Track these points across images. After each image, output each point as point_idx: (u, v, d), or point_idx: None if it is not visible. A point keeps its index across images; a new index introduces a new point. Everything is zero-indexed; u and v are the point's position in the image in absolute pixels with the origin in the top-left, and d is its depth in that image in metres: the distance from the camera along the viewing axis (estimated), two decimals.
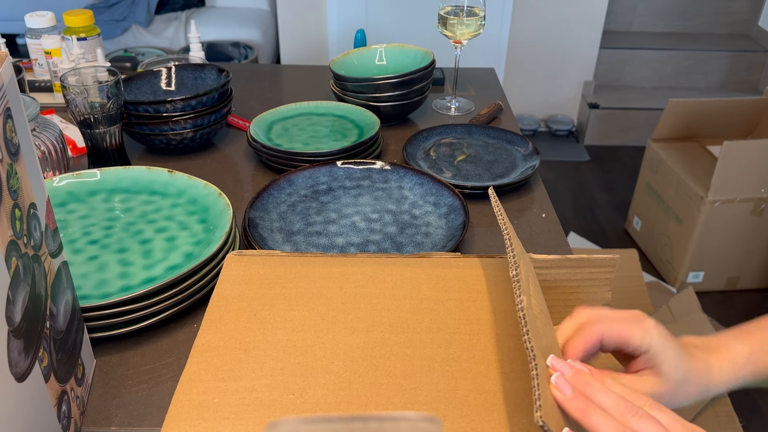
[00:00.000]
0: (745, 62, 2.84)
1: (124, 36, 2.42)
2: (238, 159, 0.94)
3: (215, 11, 2.64)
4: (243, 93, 1.16)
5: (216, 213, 0.69)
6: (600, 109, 2.72)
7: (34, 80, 1.14)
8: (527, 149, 0.92)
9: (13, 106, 0.40)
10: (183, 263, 0.63)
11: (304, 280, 0.54)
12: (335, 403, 0.43)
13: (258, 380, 0.45)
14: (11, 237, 0.37)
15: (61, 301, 0.47)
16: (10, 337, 0.36)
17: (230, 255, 0.56)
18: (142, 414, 0.52)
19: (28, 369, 0.39)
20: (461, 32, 1.05)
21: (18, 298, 0.38)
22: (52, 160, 0.78)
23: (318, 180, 0.81)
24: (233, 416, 0.42)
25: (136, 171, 0.76)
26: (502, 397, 0.43)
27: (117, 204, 0.73)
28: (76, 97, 0.77)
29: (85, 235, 0.68)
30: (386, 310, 0.51)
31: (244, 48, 2.42)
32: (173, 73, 0.99)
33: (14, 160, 0.39)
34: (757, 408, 1.54)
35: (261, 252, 0.58)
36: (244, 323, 0.50)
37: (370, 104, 1.00)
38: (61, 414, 0.45)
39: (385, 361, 0.46)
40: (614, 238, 2.18)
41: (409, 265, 0.56)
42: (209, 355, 0.47)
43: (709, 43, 2.88)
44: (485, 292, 0.53)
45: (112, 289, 0.60)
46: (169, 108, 0.88)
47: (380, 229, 0.73)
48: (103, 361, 0.57)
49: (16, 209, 0.39)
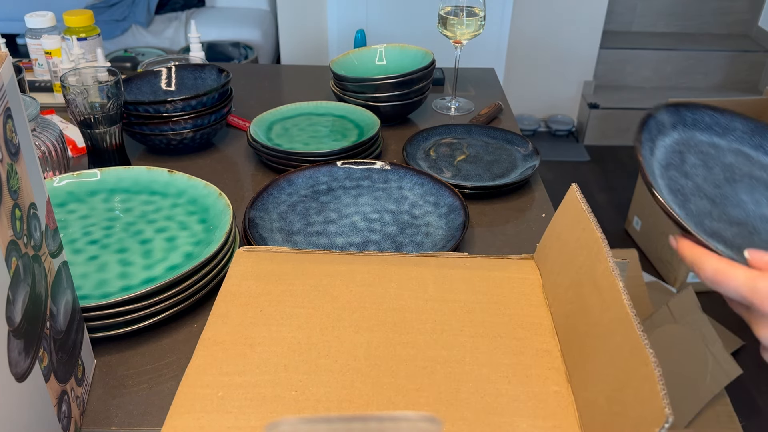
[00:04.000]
0: (746, 62, 2.84)
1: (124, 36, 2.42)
2: (238, 159, 0.94)
3: (215, 11, 2.64)
4: (243, 93, 1.16)
5: (216, 213, 0.69)
6: (600, 109, 2.73)
7: (34, 80, 1.14)
8: (527, 149, 0.92)
9: (13, 106, 0.40)
10: (183, 263, 0.63)
11: (311, 277, 0.54)
12: (337, 402, 0.43)
13: (262, 376, 0.45)
14: (11, 237, 0.37)
15: (61, 301, 0.47)
16: (10, 337, 0.36)
17: (239, 251, 0.57)
18: (142, 414, 0.52)
19: (28, 369, 0.39)
20: (461, 32, 1.05)
21: (18, 298, 0.38)
22: (52, 160, 0.78)
23: (318, 180, 0.81)
24: (236, 410, 0.42)
25: (136, 171, 0.76)
26: (504, 401, 0.43)
27: (117, 204, 0.73)
28: (76, 97, 0.77)
29: (85, 235, 0.68)
30: (391, 309, 0.51)
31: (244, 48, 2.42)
32: (173, 73, 0.99)
33: (14, 160, 0.39)
34: (757, 408, 1.54)
35: (270, 248, 0.58)
36: (251, 319, 0.50)
37: (370, 104, 1.00)
38: (61, 414, 0.45)
39: (388, 361, 0.46)
40: (614, 238, 2.18)
41: (415, 265, 0.56)
42: (215, 349, 0.47)
43: (709, 43, 2.88)
44: (490, 294, 0.53)
45: (112, 289, 0.60)
46: (169, 108, 0.88)
47: (380, 229, 0.73)
48: (103, 361, 0.57)
49: (17, 209, 0.39)
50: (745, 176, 0.47)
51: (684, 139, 0.48)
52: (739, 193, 0.46)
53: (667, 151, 0.47)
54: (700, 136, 0.49)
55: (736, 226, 0.43)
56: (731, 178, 0.46)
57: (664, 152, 0.47)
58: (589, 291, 0.45)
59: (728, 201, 0.45)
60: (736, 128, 0.49)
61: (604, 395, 0.39)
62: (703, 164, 0.47)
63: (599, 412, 0.39)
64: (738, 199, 0.45)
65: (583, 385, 0.43)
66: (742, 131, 0.49)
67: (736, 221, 0.44)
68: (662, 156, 0.46)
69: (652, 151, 0.46)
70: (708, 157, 0.48)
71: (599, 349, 0.42)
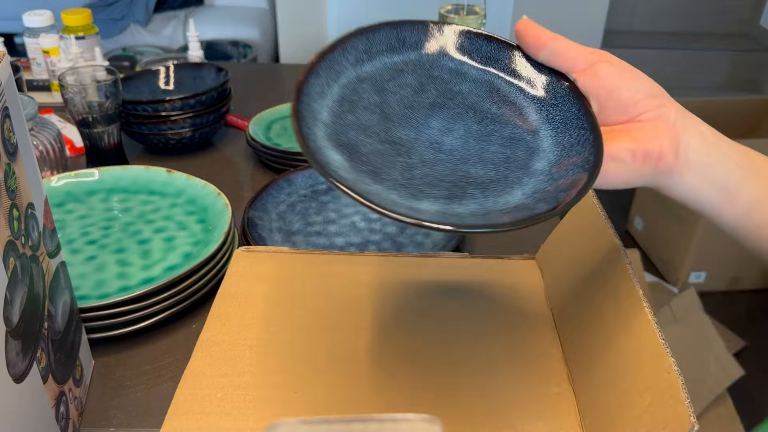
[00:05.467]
0: (747, 62, 2.84)
1: (122, 35, 2.42)
2: (237, 158, 0.93)
3: (214, 10, 2.64)
4: (242, 92, 1.15)
5: (215, 213, 0.69)
6: None
7: (32, 79, 1.13)
8: None
9: (11, 106, 0.39)
10: (182, 263, 0.63)
11: (310, 278, 0.54)
12: (336, 403, 0.43)
13: (261, 377, 0.45)
14: (9, 237, 0.37)
15: (60, 301, 0.47)
16: (8, 337, 0.36)
17: (238, 251, 0.56)
18: (140, 415, 0.52)
19: (26, 370, 0.38)
20: None
21: (16, 298, 0.38)
22: (50, 159, 0.78)
23: (317, 180, 0.80)
24: (235, 412, 0.42)
25: (134, 171, 0.76)
26: (505, 402, 0.43)
27: (115, 204, 0.73)
28: (75, 97, 0.76)
29: (83, 235, 0.68)
30: (390, 310, 0.51)
31: (243, 47, 2.41)
32: (172, 72, 0.98)
33: (12, 159, 0.39)
34: (759, 409, 1.54)
35: (269, 248, 0.58)
36: (250, 319, 0.49)
37: None
38: (59, 415, 0.44)
39: (387, 362, 0.46)
40: None
41: (415, 265, 0.56)
42: (214, 350, 0.47)
43: (710, 42, 2.88)
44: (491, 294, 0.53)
45: (111, 290, 0.60)
46: (167, 107, 0.87)
47: (380, 229, 0.73)
48: (102, 361, 0.57)
49: (14, 209, 0.39)
50: (462, 105, 0.42)
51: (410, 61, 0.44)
52: (435, 118, 0.41)
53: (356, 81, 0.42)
54: (447, 62, 0.44)
55: (390, 144, 0.38)
56: (441, 104, 0.41)
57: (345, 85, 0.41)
58: (603, 295, 0.45)
59: (407, 124, 0.40)
60: (500, 59, 0.44)
61: (615, 399, 0.39)
62: (418, 87, 0.42)
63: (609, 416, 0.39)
64: (425, 123, 0.40)
65: (587, 388, 0.43)
66: (506, 63, 0.43)
67: (397, 141, 0.39)
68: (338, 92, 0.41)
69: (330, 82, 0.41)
70: (435, 81, 0.43)
71: (610, 353, 0.41)
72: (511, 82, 0.43)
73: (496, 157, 0.39)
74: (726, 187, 0.39)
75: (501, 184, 0.37)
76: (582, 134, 0.38)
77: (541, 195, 0.36)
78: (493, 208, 0.35)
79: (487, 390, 0.44)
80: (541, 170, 0.38)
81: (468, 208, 0.35)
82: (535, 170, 0.38)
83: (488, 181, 0.37)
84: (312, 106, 0.39)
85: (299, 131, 0.35)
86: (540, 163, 0.38)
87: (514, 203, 0.36)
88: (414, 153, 0.38)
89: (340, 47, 0.43)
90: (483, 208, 0.35)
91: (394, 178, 0.36)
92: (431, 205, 0.35)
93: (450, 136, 0.40)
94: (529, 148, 0.39)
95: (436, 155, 0.39)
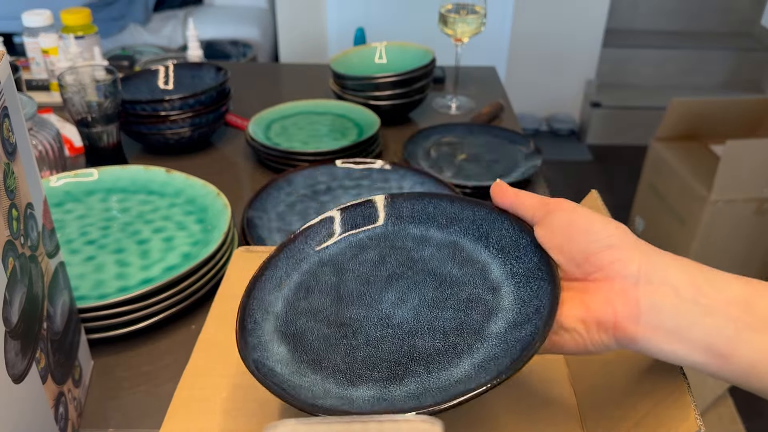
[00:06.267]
0: (749, 61, 2.84)
1: (121, 34, 2.41)
2: (237, 158, 0.93)
3: (213, 9, 2.64)
4: (241, 92, 1.15)
5: (214, 213, 0.69)
6: (602, 108, 2.72)
7: (32, 79, 1.13)
8: (529, 148, 0.92)
9: (10, 105, 0.39)
10: (181, 264, 0.63)
11: None
12: None
13: None
14: (8, 237, 0.37)
15: (59, 301, 0.46)
16: (7, 338, 0.36)
17: (237, 251, 0.56)
18: (140, 416, 0.52)
19: (25, 370, 0.38)
20: (462, 30, 1.04)
21: (15, 298, 0.37)
22: (50, 159, 0.78)
23: (317, 179, 0.80)
24: (235, 412, 0.42)
25: (133, 170, 0.75)
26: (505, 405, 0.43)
27: (114, 204, 0.73)
28: (74, 96, 0.76)
29: (82, 235, 0.67)
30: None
31: (242, 46, 2.41)
32: (171, 71, 0.98)
33: (11, 159, 0.39)
34: (759, 410, 1.54)
35: (268, 248, 0.57)
36: None
37: (370, 103, 0.99)
38: (58, 416, 0.44)
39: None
40: None
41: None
42: (213, 350, 0.47)
43: (712, 41, 2.88)
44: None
45: (110, 290, 0.60)
46: (166, 107, 0.87)
47: None
48: (101, 362, 0.56)
49: (13, 209, 0.38)
50: (422, 272, 0.42)
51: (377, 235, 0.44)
52: (390, 291, 0.41)
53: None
54: (412, 229, 0.45)
55: (338, 327, 0.39)
56: (399, 274, 0.42)
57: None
58: None
59: (360, 300, 0.41)
60: (465, 218, 0.44)
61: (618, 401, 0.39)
62: (379, 260, 0.43)
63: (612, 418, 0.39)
64: (378, 298, 0.41)
65: (589, 391, 0.42)
66: (471, 221, 0.43)
67: (345, 322, 0.40)
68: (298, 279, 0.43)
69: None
70: (397, 252, 0.43)
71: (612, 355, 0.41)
72: (476, 239, 0.43)
73: (448, 324, 0.39)
74: (713, 348, 0.31)
75: (448, 355, 0.37)
76: (541, 285, 0.37)
77: (488, 363, 0.35)
78: (434, 386, 0.35)
79: (487, 393, 0.44)
80: (497, 333, 0.37)
81: (407, 388, 0.35)
82: (490, 334, 0.37)
83: (434, 353, 0.37)
84: (266, 299, 0.41)
85: (239, 328, 0.38)
86: (497, 325, 0.37)
87: (457, 377, 0.35)
88: (360, 333, 0.39)
89: (302, 236, 0.45)
90: (422, 387, 0.35)
91: (334, 364, 0.37)
92: (366, 391, 0.35)
93: (402, 308, 0.40)
94: (487, 309, 0.39)
95: (383, 332, 0.39)
